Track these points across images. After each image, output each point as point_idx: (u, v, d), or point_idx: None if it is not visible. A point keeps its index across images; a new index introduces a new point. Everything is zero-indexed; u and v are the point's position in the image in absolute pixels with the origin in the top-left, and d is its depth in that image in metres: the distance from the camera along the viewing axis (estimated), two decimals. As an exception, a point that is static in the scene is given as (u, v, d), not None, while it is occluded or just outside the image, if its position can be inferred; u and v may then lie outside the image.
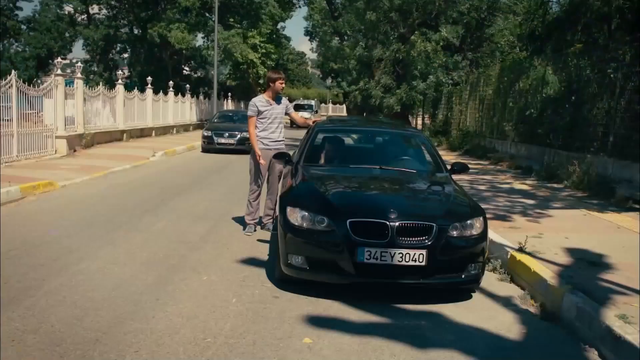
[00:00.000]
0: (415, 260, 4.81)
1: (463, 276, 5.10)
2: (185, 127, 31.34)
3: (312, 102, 48.64)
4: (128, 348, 3.94)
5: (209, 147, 19.77)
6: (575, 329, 4.58)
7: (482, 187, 11.45)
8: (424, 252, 4.82)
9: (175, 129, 28.96)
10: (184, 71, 48.04)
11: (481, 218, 5.30)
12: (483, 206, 9.31)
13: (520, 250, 6.26)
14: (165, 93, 28.65)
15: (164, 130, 27.54)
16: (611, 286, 5.13)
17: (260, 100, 7.60)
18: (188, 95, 33.10)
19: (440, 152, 19.96)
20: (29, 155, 14.60)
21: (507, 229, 7.49)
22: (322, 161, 6.89)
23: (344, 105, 55.55)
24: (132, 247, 6.66)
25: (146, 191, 10.89)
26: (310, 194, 5.59)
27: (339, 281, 5.03)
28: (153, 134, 25.64)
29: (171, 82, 30.10)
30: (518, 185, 11.86)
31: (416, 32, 20.97)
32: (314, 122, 7.88)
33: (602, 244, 6.72)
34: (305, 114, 15.53)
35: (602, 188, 10.33)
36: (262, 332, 4.30)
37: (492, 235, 7.04)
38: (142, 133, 24.43)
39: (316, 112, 44.14)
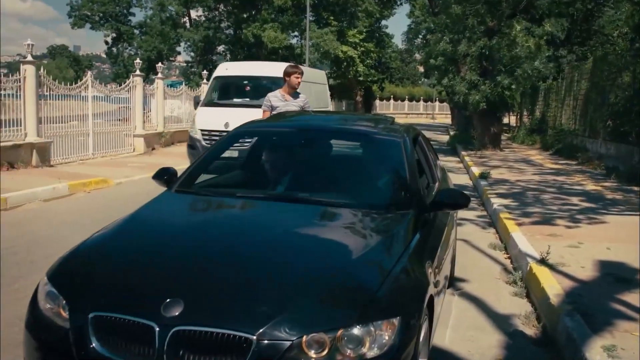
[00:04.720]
0: None
1: None
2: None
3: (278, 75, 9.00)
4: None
5: None
6: (563, 358, 3.89)
7: (550, 189, 10.45)
8: None
9: (265, 127, 29.12)
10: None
11: (394, 320, 2.53)
12: (534, 210, 8.57)
13: (543, 261, 5.54)
14: (256, 92, 28.97)
15: (253, 129, 27.83)
16: (623, 309, 4.34)
17: (275, 95, 7.26)
18: (281, 94, 33.28)
19: (532, 152, 19.28)
20: (105, 153, 15.18)
21: (545, 236, 6.69)
22: (210, 183, 4.39)
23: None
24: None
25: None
26: (92, 253, 3.24)
27: None
28: (240, 132, 25.93)
29: (261, 81, 30.40)
30: (591, 186, 10.73)
31: (511, 25, 19.68)
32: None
33: (648, 257, 5.81)
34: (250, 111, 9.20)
35: (682, 192, 9.09)
36: None
37: (520, 242, 6.33)
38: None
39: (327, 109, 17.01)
